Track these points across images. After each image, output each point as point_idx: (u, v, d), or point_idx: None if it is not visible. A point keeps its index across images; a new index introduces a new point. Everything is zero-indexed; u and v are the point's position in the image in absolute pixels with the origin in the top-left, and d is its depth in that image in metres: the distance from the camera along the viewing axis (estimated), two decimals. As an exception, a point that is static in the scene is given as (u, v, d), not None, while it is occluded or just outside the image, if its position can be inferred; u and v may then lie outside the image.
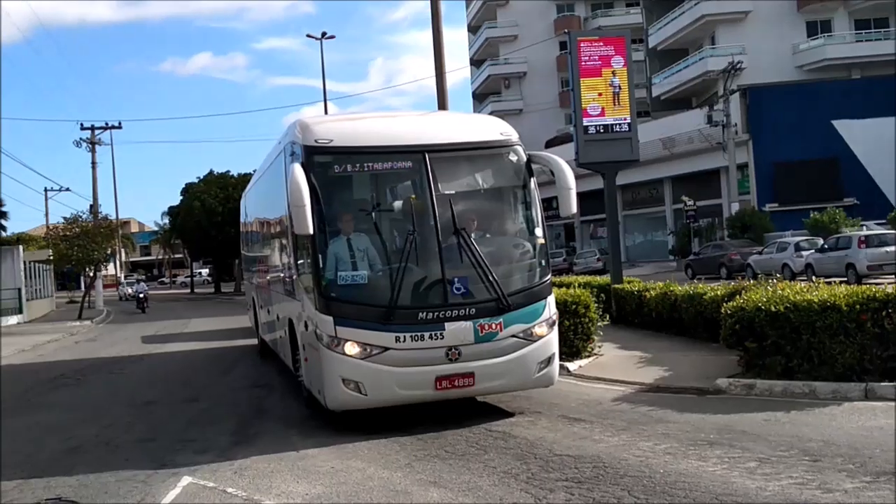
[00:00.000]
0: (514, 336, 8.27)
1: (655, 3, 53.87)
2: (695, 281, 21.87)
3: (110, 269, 59.75)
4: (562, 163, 8.96)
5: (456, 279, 8.12)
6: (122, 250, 67.79)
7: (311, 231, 7.89)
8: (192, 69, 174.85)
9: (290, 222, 8.71)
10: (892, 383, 8.51)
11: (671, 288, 14.34)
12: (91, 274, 41.32)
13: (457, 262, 8.20)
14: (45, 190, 63.73)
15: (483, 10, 68.09)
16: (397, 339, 7.91)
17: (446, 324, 7.98)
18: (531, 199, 8.96)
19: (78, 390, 13.59)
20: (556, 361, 8.78)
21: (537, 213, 8.94)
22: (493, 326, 8.15)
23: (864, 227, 30.73)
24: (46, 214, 61.51)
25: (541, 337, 8.48)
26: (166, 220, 65.69)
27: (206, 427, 9.39)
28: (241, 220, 19.17)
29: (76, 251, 36.17)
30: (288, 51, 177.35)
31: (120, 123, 49.98)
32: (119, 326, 30.53)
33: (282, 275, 11.07)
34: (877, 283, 16.16)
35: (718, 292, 12.43)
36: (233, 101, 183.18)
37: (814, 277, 21.63)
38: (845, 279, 23.35)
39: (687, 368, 10.76)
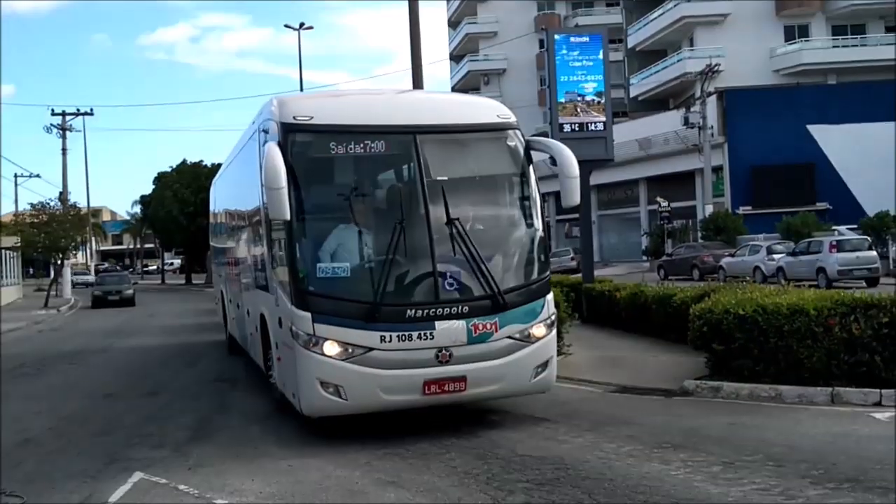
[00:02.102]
0: (509, 337, 7.67)
1: (636, 4, 54.30)
2: (667, 282, 21.98)
3: (80, 257, 59.40)
4: (565, 149, 8.34)
5: (448, 274, 7.52)
6: (94, 239, 67.39)
7: (289, 216, 7.21)
8: (165, 55, 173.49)
9: (264, 208, 8.25)
10: (858, 389, 8.59)
11: (642, 289, 14.43)
12: (59, 262, 40.87)
13: (449, 256, 7.56)
14: (15, 176, 63.33)
15: (463, 5, 68.20)
16: (382, 339, 7.27)
17: (437, 322, 7.35)
18: (530, 188, 8.32)
19: (37, 381, 13.39)
20: (554, 365, 8.21)
21: (537, 203, 8.31)
22: (488, 326, 7.54)
23: (836, 232, 31.07)
24: (16, 201, 61.31)
25: (538, 339, 7.90)
26: (138, 210, 65.54)
27: (164, 422, 9.22)
28: (211, 209, 18.40)
29: (43, 238, 35.89)
30: (265, 39, 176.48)
31: (92, 110, 49.23)
32: (85, 315, 30.32)
33: (254, 266, 10.31)
34: (846, 288, 16.34)
35: (688, 294, 12.48)
36: (208, 90, 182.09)
37: (784, 281, 21.87)
38: (816, 283, 23.60)
39: (655, 369, 10.78)
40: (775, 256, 28.12)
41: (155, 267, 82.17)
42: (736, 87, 42.83)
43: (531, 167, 8.33)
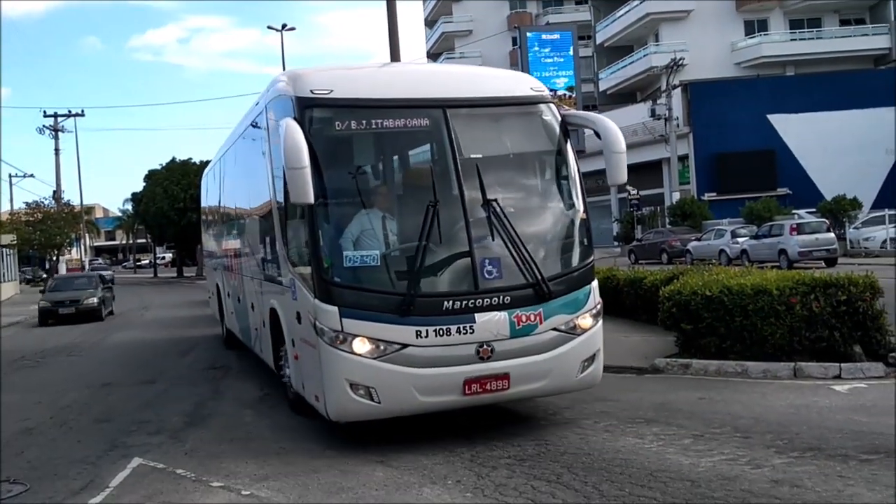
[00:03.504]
0: (555, 329, 6.96)
1: (603, 1, 55.13)
2: (637, 266, 22.41)
3: (74, 253, 59.34)
4: (609, 122, 7.51)
5: (487, 260, 6.76)
6: (87, 235, 68.16)
7: (312, 199, 6.40)
8: (154, 56, 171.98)
9: (275, 192, 7.60)
10: (819, 363, 8.91)
11: (614, 272, 14.61)
12: (55, 258, 41.16)
13: (487, 240, 6.84)
14: (10, 176, 63.30)
15: (439, 5, 68.53)
16: (418, 334, 6.54)
17: (477, 315, 6.63)
18: (569, 165, 7.59)
19: (37, 372, 13.51)
20: (601, 359, 7.46)
21: (577, 182, 7.59)
22: (532, 318, 6.82)
23: (796, 216, 31.84)
24: (11, 200, 61.28)
25: (585, 330, 7.17)
26: (130, 206, 66.61)
27: (161, 409, 9.36)
28: (202, 202, 17.60)
29: (38, 235, 36.05)
30: (251, 40, 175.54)
31: (83, 111, 50.43)
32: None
33: (261, 257, 9.36)
34: (806, 268, 16.73)
35: (657, 277, 12.73)
36: (196, 90, 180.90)
37: (748, 263, 22.43)
38: (778, 264, 24.24)
39: (627, 349, 11.01)
40: (739, 240, 28.83)
41: (147, 261, 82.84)
42: (699, 79, 43.62)
43: (568, 143, 7.66)
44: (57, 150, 47.83)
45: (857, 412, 7.34)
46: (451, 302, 6.63)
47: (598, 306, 7.39)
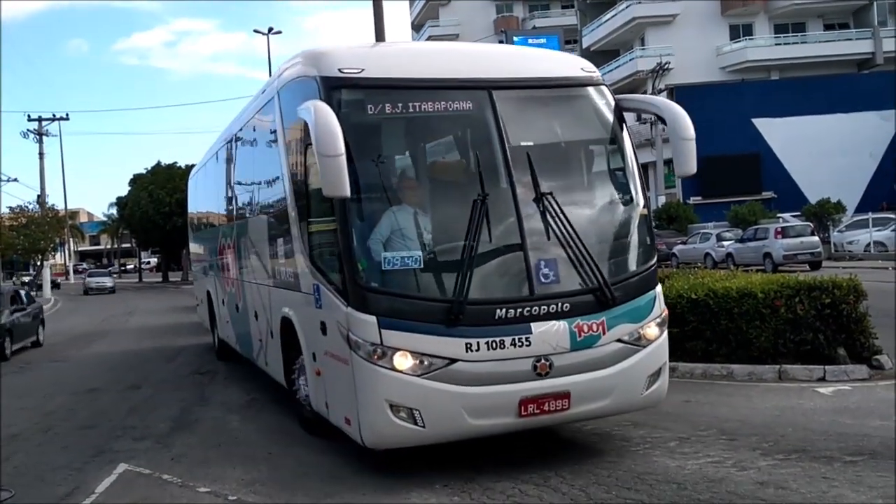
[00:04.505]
0: (619, 340, 6.17)
1: (590, 6, 55.44)
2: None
3: (58, 258, 59.23)
4: (674, 106, 6.78)
5: (543, 262, 5.99)
6: (71, 240, 68.36)
7: (348, 191, 5.55)
8: (139, 60, 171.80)
9: (292, 187, 6.96)
10: (804, 366, 8.98)
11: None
12: (39, 263, 41.10)
13: (542, 240, 6.05)
14: None
15: (426, 8, 68.61)
16: (468, 348, 5.72)
17: (533, 324, 5.84)
18: (627, 154, 6.80)
19: (22, 378, 13.40)
20: (667, 373, 6.65)
21: (636, 174, 6.80)
22: (594, 327, 6.03)
23: (781, 219, 32.15)
24: None
25: (651, 341, 6.36)
26: (114, 211, 66.12)
27: (147, 414, 9.32)
28: (190, 204, 16.70)
29: (23, 240, 35.90)
30: (238, 43, 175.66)
31: (67, 115, 50.85)
32: (66, 315, 29.90)
33: (270, 260, 8.44)
34: (791, 272, 16.89)
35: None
36: (181, 94, 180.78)
37: (733, 266, 22.61)
38: (763, 267, 24.43)
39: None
40: (724, 243, 29.07)
41: (132, 266, 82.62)
42: (685, 83, 43.80)
43: (625, 130, 6.90)
44: (41, 154, 48.01)
45: (842, 414, 7.42)
46: (503, 310, 5.81)
47: (664, 314, 6.61)
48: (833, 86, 43.44)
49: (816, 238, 27.97)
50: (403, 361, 5.68)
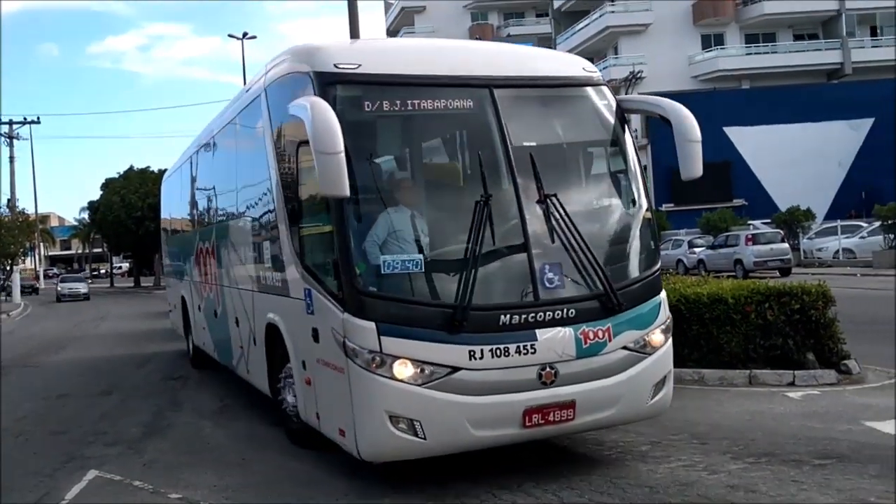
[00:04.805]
0: (625, 348, 5.98)
1: (564, 15, 55.95)
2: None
3: (28, 263, 58.45)
4: (680, 107, 6.57)
5: (548, 266, 5.79)
6: (42, 244, 67.58)
7: (348, 191, 5.31)
8: (112, 63, 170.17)
9: (281, 188, 6.74)
10: (773, 370, 9.09)
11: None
12: (8, 268, 40.54)
13: (547, 243, 5.88)
14: None
15: (402, 15, 68.75)
16: (472, 355, 5.49)
17: (538, 331, 5.64)
18: (630, 156, 6.65)
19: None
20: (671, 381, 6.51)
21: (638, 177, 6.66)
22: (600, 334, 5.83)
23: (751, 226, 32.59)
24: None
25: (656, 348, 6.18)
26: (86, 215, 65.88)
27: (118, 420, 9.20)
28: (163, 208, 16.32)
29: None
30: (213, 48, 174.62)
31: (38, 118, 50.87)
32: (38, 319, 29.57)
33: (254, 264, 8.17)
34: (761, 278, 17.11)
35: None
36: (155, 98, 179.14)
37: (705, 272, 22.88)
38: (734, 274, 24.76)
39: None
40: (696, 250, 29.49)
41: (104, 271, 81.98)
42: (658, 92, 44.22)
43: (627, 132, 6.75)
44: (11, 158, 47.58)
45: (811, 418, 7.51)
46: (508, 316, 5.60)
47: (669, 321, 6.43)
48: (803, 95, 44.24)
49: (786, 245, 28.40)
50: (403, 370, 5.44)
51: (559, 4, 57.09)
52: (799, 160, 41.03)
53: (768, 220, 34.74)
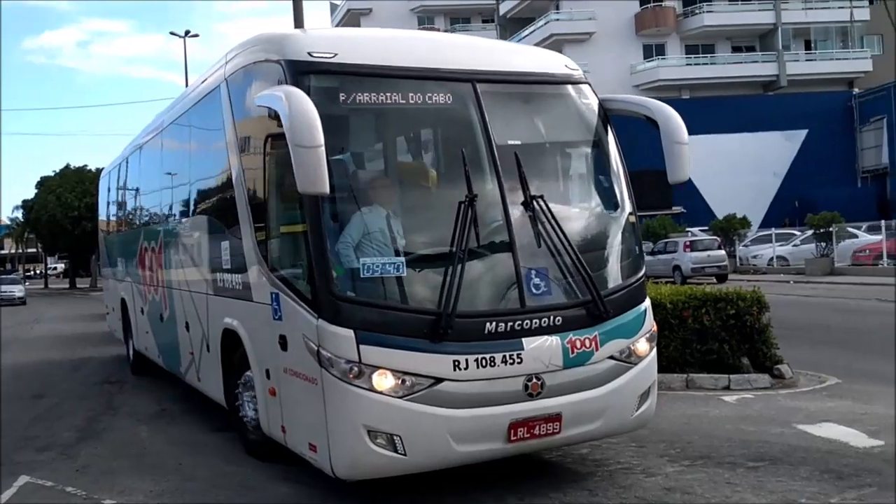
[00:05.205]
0: (611, 357, 5.71)
1: (509, 21, 56.55)
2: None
3: None
4: (666, 107, 6.34)
5: (534, 272, 5.52)
6: None
7: (327, 188, 4.88)
8: (47, 59, 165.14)
9: (243, 184, 6.37)
10: (710, 374, 9.26)
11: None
12: None
13: (533, 247, 5.57)
14: None
15: (347, 17, 68.42)
16: (456, 365, 5.15)
17: (524, 339, 5.33)
18: (614, 157, 6.42)
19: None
20: (656, 392, 6.21)
21: (622, 177, 6.42)
22: (587, 343, 5.54)
23: (689, 234, 33.29)
24: None
25: (641, 357, 5.92)
26: (19, 215, 64.12)
27: (51, 424, 8.92)
28: (102, 205, 15.53)
29: None
30: (155, 46, 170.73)
31: None
32: None
33: (210, 264, 7.63)
34: (699, 284, 17.45)
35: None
36: (93, 95, 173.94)
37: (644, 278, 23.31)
38: (672, 279, 25.25)
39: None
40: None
41: (39, 271, 79.68)
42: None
43: (610, 132, 6.48)
44: (-58, 155, 45.84)
45: (745, 422, 7.67)
46: (493, 323, 5.27)
47: (653, 329, 6.15)
48: (740, 106, 45.39)
49: (723, 252, 29.13)
50: (383, 381, 5.05)
51: (505, 10, 57.69)
52: (736, 170, 42.10)
53: (706, 228, 35.57)
